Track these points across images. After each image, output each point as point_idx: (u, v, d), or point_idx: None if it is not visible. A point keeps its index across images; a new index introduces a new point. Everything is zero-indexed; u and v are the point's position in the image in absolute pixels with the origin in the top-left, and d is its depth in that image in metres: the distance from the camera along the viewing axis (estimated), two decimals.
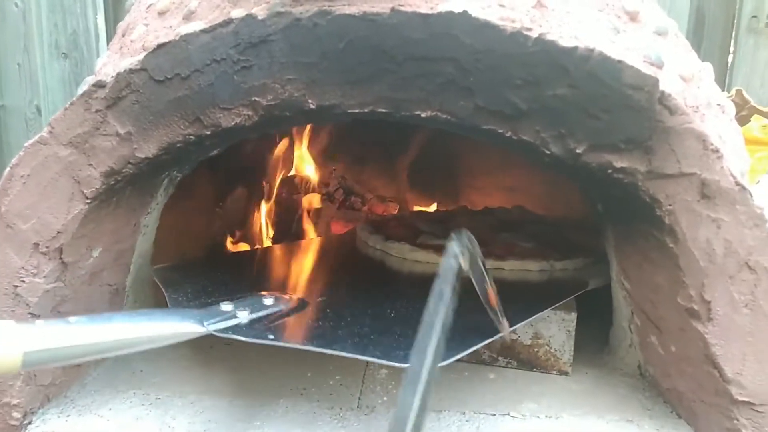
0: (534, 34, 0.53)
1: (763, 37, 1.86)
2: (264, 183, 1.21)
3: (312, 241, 1.14)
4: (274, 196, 1.20)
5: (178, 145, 0.59)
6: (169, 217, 0.86)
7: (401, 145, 1.32)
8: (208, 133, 0.58)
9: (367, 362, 0.79)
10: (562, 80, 0.54)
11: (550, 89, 0.54)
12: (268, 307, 0.62)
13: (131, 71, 0.58)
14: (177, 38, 0.57)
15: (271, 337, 0.55)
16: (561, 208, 1.15)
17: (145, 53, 0.58)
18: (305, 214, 1.21)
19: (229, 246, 1.12)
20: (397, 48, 0.53)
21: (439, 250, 0.89)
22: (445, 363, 0.46)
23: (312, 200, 1.22)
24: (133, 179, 0.64)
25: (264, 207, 1.17)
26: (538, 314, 0.68)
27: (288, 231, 1.19)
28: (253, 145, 1.12)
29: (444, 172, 1.34)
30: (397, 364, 0.51)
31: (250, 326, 0.58)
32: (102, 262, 0.71)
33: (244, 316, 0.59)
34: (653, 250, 0.62)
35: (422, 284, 0.84)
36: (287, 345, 0.54)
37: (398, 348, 0.54)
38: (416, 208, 1.31)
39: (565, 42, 0.53)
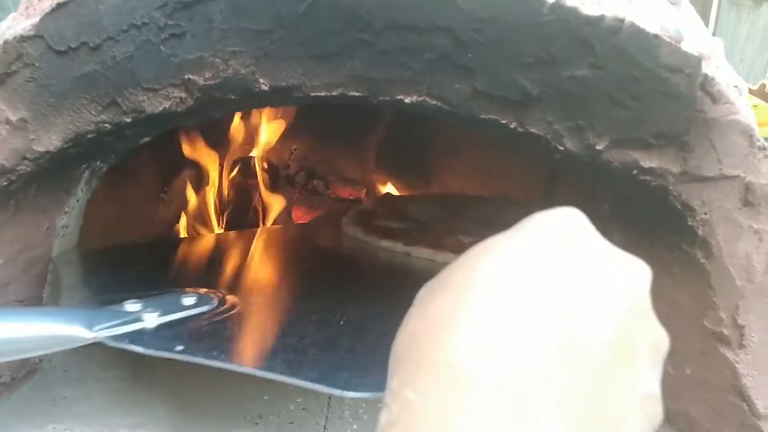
0: None
1: (745, 11, 1.79)
2: (215, 163, 1.08)
3: (271, 229, 1.02)
4: (226, 180, 1.07)
5: (90, 136, 0.47)
6: (106, 208, 0.75)
7: (369, 120, 1.20)
8: (129, 120, 0.46)
9: None
10: (584, 58, 0.44)
11: (568, 69, 0.44)
12: (186, 308, 0.52)
13: (23, 39, 0.45)
14: None
15: (180, 348, 0.45)
16: (539, 191, 1.05)
17: (40, 15, 0.44)
18: (261, 202, 1.08)
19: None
20: (375, 12, 0.43)
21: (388, 233, 0.82)
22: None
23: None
24: (35, 177, 0.50)
25: (213, 193, 1.04)
26: None
27: (244, 220, 1.06)
28: None
29: (416, 151, 1.23)
30: (336, 391, 0.41)
31: (157, 334, 0.47)
32: (7, 275, 0.59)
33: (152, 320, 0.48)
34: (676, 263, 0.53)
35: (388, 281, 0.73)
36: (195, 360, 0.44)
37: (342, 368, 0.44)
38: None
39: (589, 9, 0.42)
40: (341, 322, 0.54)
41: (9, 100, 0.46)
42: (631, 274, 0.24)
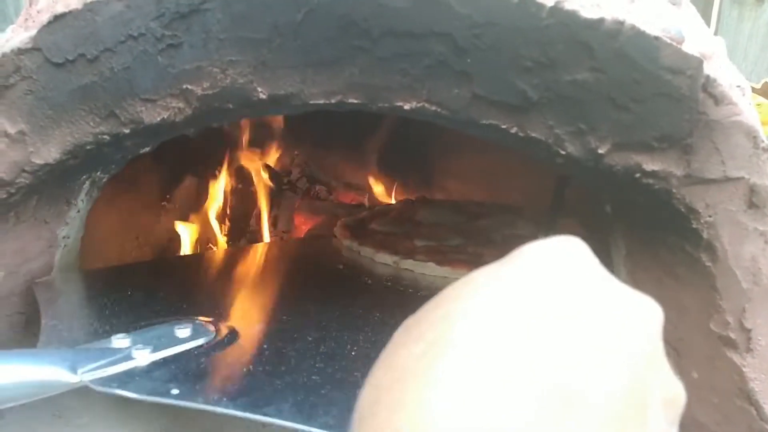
0: (549, 2, 0.42)
1: (747, 8, 1.78)
2: (217, 171, 1.08)
3: (271, 244, 1.01)
4: (228, 187, 1.07)
5: (89, 147, 0.47)
6: (107, 218, 0.76)
7: (370, 125, 1.19)
8: (127, 131, 0.46)
9: None
10: (584, 62, 0.43)
11: (569, 73, 0.44)
12: (180, 341, 0.47)
13: (21, 51, 0.44)
14: (80, 7, 0.43)
15: (176, 392, 0.41)
16: (545, 195, 1.04)
17: (38, 28, 0.43)
18: (263, 209, 1.07)
19: (183, 247, 0.99)
20: (372, 20, 0.43)
21: (355, 234, 0.83)
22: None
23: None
24: (35, 189, 0.50)
25: (216, 200, 1.04)
26: None
27: (246, 227, 1.06)
28: None
29: (417, 153, 1.22)
30: None
31: (149, 374, 0.43)
32: (8, 288, 0.59)
33: (143, 357, 0.43)
34: (681, 265, 0.52)
35: (404, 298, 0.69)
36: (194, 406, 0.40)
37: None
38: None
39: (588, 12, 0.42)
40: (353, 353, 0.50)
41: (7, 113, 0.46)
42: (641, 316, 0.20)
